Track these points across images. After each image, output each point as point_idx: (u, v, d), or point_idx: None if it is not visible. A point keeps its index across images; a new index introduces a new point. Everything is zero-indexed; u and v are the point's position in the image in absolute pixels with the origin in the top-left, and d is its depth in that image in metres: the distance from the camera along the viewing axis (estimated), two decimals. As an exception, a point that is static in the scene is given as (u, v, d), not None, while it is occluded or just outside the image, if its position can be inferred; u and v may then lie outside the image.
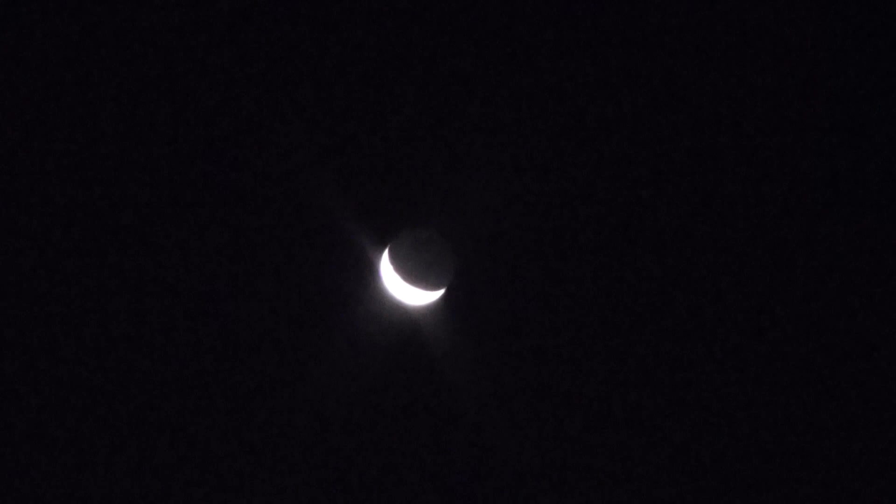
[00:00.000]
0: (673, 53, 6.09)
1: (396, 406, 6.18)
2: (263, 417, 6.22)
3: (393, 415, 6.18)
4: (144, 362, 6.14)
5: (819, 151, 6.28)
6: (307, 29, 5.88)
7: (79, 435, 6.18)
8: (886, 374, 6.52)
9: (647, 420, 6.40)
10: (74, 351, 6.12)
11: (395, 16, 5.87)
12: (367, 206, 5.85)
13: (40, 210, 6.04)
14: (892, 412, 6.54)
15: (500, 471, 6.26)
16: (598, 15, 5.96)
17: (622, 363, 6.32)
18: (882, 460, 6.54)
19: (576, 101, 6.05)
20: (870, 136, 6.30)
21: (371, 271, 5.85)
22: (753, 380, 6.43)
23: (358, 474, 6.30)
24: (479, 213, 5.87)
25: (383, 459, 6.28)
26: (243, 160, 5.97)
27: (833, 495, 6.53)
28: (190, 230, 6.02)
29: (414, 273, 5.78)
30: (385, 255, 5.78)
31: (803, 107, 6.22)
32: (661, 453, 6.44)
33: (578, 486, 6.44)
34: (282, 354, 6.13)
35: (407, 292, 5.81)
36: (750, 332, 6.41)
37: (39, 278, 6.04)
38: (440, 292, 5.84)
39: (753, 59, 6.14)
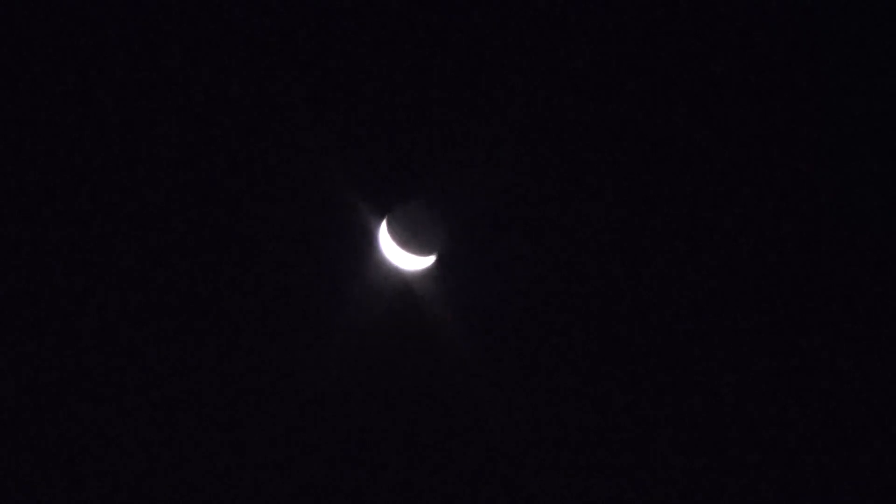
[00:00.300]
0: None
1: (394, 361, 6.19)
2: (264, 378, 6.15)
3: (390, 369, 6.20)
4: (141, 338, 6.03)
5: (820, 151, 6.02)
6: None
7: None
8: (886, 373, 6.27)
9: (642, 385, 6.31)
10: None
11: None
12: (366, 178, 5.86)
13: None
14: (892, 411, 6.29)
15: (491, 424, 6.23)
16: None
17: (615, 321, 6.23)
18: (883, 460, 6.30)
19: (573, 74, 5.90)
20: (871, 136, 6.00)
21: (369, 240, 5.94)
22: (753, 344, 6.31)
23: (358, 428, 6.28)
24: (472, 185, 5.90)
25: (379, 412, 6.27)
26: (248, 142, 5.83)
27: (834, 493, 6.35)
28: (190, 197, 5.89)
29: (409, 240, 5.90)
30: (383, 224, 5.89)
31: (801, 105, 5.97)
32: (659, 414, 6.32)
33: (572, 445, 6.34)
34: (284, 316, 6.10)
35: (403, 258, 5.95)
36: (745, 295, 6.25)
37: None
38: (433, 258, 5.98)
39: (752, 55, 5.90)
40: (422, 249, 5.97)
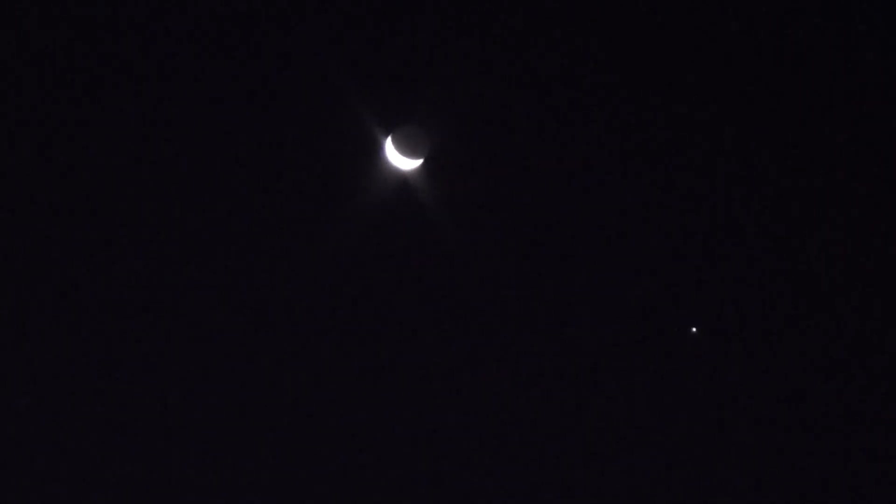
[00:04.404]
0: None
1: (397, 236, 6.74)
2: (286, 255, 6.57)
3: (395, 242, 6.73)
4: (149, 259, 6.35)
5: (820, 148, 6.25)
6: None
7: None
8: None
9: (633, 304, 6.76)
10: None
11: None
12: (376, 103, 6.50)
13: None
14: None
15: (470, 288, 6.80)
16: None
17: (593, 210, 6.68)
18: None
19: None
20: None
21: (378, 149, 6.70)
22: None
23: (363, 311, 6.79)
24: (454, 106, 6.61)
25: (382, 280, 6.77)
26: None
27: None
28: (207, 110, 6.26)
29: (407, 148, 6.66)
30: (388, 139, 6.65)
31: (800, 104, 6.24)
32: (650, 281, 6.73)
33: (560, 330, 6.81)
34: (313, 210, 6.59)
35: (402, 161, 6.68)
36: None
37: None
38: (422, 160, 6.70)
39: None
40: (416, 154, 6.72)
